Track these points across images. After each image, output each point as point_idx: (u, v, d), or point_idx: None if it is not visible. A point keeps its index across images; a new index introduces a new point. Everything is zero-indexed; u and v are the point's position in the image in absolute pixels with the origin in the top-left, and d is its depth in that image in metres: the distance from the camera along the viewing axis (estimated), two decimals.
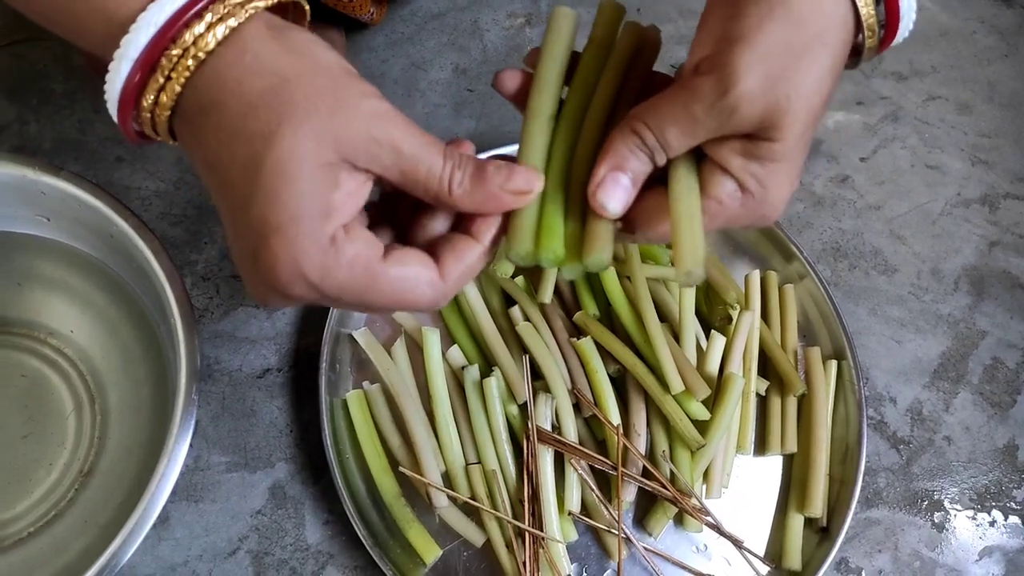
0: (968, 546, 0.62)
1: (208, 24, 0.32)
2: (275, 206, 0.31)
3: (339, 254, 0.33)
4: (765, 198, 0.37)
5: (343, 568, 0.57)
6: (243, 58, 0.32)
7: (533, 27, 0.79)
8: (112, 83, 0.33)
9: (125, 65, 0.32)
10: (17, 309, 0.59)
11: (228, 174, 0.32)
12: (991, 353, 0.68)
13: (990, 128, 0.78)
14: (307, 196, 0.32)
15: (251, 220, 0.32)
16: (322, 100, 0.32)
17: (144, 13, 0.32)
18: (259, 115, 0.31)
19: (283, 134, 0.31)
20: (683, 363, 0.57)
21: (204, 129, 0.33)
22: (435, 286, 0.35)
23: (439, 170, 0.34)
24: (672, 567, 0.58)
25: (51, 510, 0.55)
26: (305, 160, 0.31)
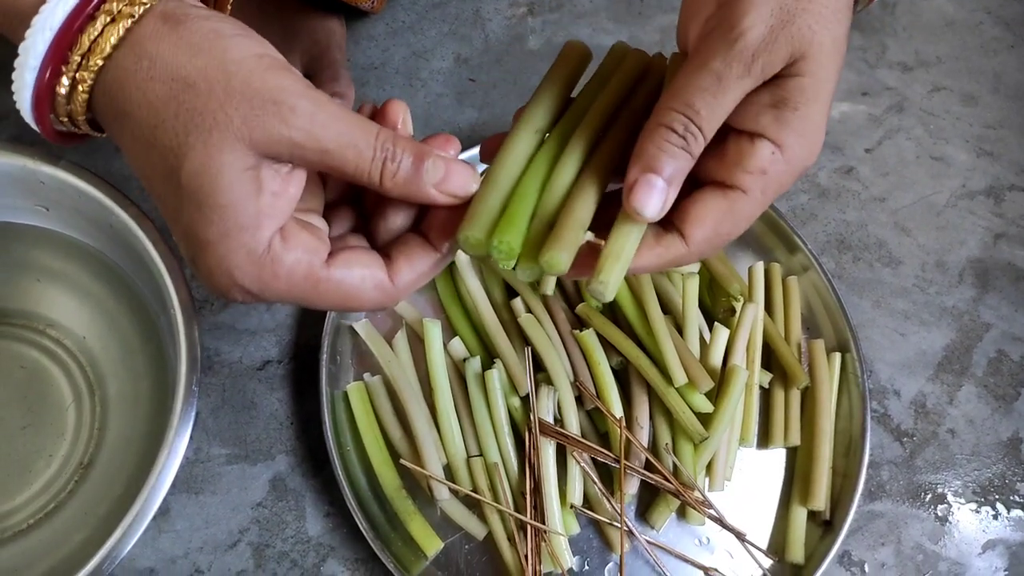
0: (971, 539, 0.61)
1: (103, 25, 0.30)
2: (201, 222, 0.31)
3: (276, 264, 0.32)
4: (807, 145, 0.35)
5: (344, 560, 0.57)
6: (140, 64, 0.31)
7: (535, 16, 0.78)
8: (19, 91, 0.32)
9: (28, 74, 0.31)
10: (16, 300, 0.59)
11: (152, 183, 0.32)
12: (996, 346, 0.68)
13: (996, 119, 0.77)
14: (231, 208, 0.31)
15: (182, 230, 0.32)
16: (231, 104, 0.30)
17: (38, 16, 0.30)
18: (167, 127, 0.30)
19: (193, 146, 0.30)
20: (686, 355, 0.57)
21: (121, 137, 0.32)
22: (383, 289, 0.34)
23: (368, 163, 0.32)
24: (674, 560, 0.57)
25: (51, 502, 0.54)
26: (222, 171, 0.30)
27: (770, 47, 0.33)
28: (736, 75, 0.33)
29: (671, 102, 0.35)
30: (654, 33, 0.79)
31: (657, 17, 0.80)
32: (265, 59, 0.32)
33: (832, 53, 0.34)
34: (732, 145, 0.36)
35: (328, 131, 0.31)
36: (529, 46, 0.77)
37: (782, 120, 0.34)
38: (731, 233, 0.37)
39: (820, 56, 0.34)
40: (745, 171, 0.35)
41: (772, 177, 0.35)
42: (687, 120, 0.34)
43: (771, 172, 0.35)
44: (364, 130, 0.32)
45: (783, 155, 0.35)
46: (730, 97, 0.34)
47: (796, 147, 0.35)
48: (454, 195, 0.34)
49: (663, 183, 0.34)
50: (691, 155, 0.35)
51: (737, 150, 0.35)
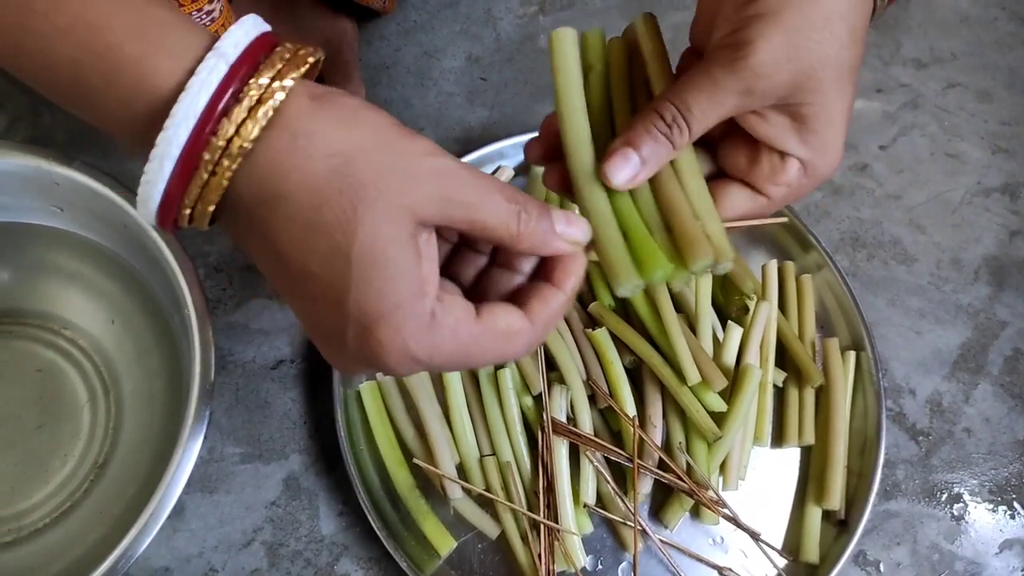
0: (988, 539, 0.61)
1: (248, 108, 0.29)
2: (372, 296, 0.31)
3: (441, 328, 0.32)
4: (825, 163, 0.39)
5: (357, 559, 0.57)
6: (296, 142, 0.30)
7: (547, 15, 0.78)
8: (152, 185, 0.30)
9: (168, 164, 0.30)
10: (31, 300, 0.59)
11: (307, 266, 0.31)
12: (1012, 344, 0.67)
13: (1011, 116, 0.76)
14: (401, 279, 0.31)
15: (347, 310, 0.31)
16: (389, 174, 0.30)
17: (178, 105, 0.29)
18: (332, 205, 0.30)
19: (362, 220, 0.30)
20: (699, 354, 0.57)
21: (271, 221, 0.31)
22: (526, 332, 0.35)
23: (506, 215, 0.33)
24: (688, 560, 0.57)
25: (66, 501, 0.55)
26: (390, 242, 0.30)
27: (772, 75, 0.36)
28: (734, 89, 0.36)
29: (669, 95, 0.38)
30: (666, 31, 0.78)
31: (669, 15, 0.79)
32: (398, 124, 0.32)
33: (842, 79, 0.37)
34: (766, 159, 0.39)
35: (471, 187, 0.32)
36: (540, 45, 0.77)
37: (806, 142, 0.38)
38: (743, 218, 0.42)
39: (830, 84, 0.37)
40: (775, 184, 0.40)
41: (794, 188, 0.40)
42: (677, 113, 0.37)
43: (794, 185, 0.40)
44: (499, 187, 0.33)
45: (807, 171, 0.39)
46: (724, 106, 0.37)
47: (818, 164, 0.39)
48: (576, 242, 0.36)
49: (638, 159, 0.37)
50: (672, 144, 0.37)
51: (771, 166, 0.39)
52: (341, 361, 0.34)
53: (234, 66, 0.29)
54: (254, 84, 0.29)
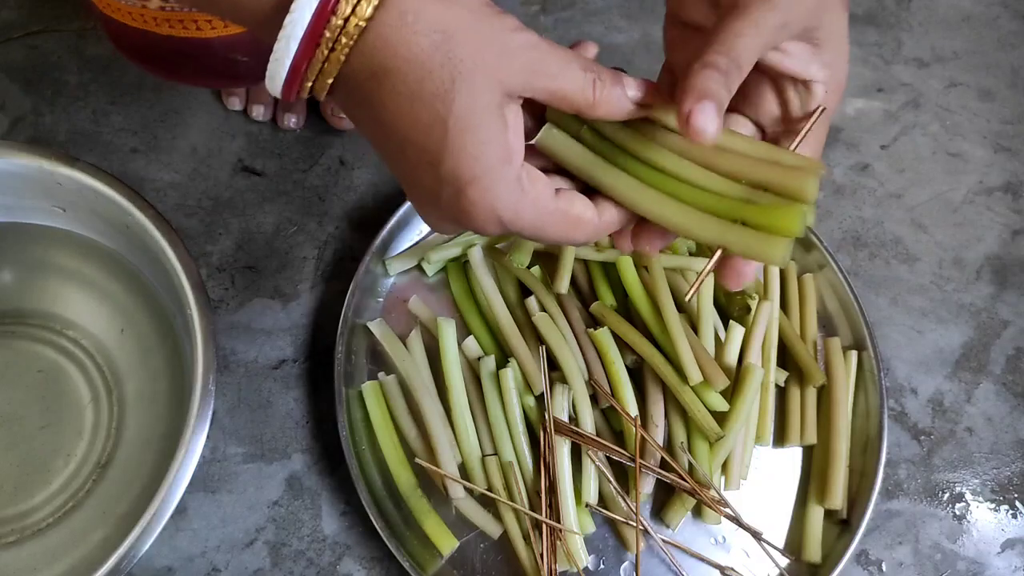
0: (990, 538, 0.61)
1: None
2: (466, 160, 0.34)
3: (525, 195, 0.36)
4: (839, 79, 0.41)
5: (360, 559, 0.57)
6: (405, 19, 0.33)
7: (548, 14, 0.78)
8: (280, 63, 0.33)
9: (293, 44, 0.33)
10: (33, 300, 0.59)
11: (409, 134, 0.34)
12: (1014, 343, 0.67)
13: (1013, 115, 0.76)
14: (491, 145, 0.34)
15: (443, 174, 0.34)
16: (485, 49, 0.33)
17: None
18: (433, 77, 0.33)
19: (459, 91, 0.33)
20: (701, 353, 0.57)
21: (378, 94, 0.34)
22: (593, 225, 0.38)
23: (582, 82, 0.36)
24: (690, 559, 0.57)
25: (69, 501, 0.55)
26: (483, 112, 0.34)
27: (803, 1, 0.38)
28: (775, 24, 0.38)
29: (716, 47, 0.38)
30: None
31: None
32: (491, 4, 0.35)
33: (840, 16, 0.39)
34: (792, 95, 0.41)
35: (553, 59, 0.35)
36: None
37: (824, 63, 0.40)
38: None
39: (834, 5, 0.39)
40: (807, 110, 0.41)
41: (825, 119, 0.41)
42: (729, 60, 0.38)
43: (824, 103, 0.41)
44: (575, 57, 0.36)
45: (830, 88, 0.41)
46: (765, 42, 0.38)
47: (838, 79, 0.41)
48: (645, 102, 0.38)
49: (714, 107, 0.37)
50: (728, 90, 0.38)
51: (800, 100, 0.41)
52: (434, 219, 0.38)
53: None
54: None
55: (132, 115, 0.69)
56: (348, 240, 0.66)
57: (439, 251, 0.63)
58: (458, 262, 0.64)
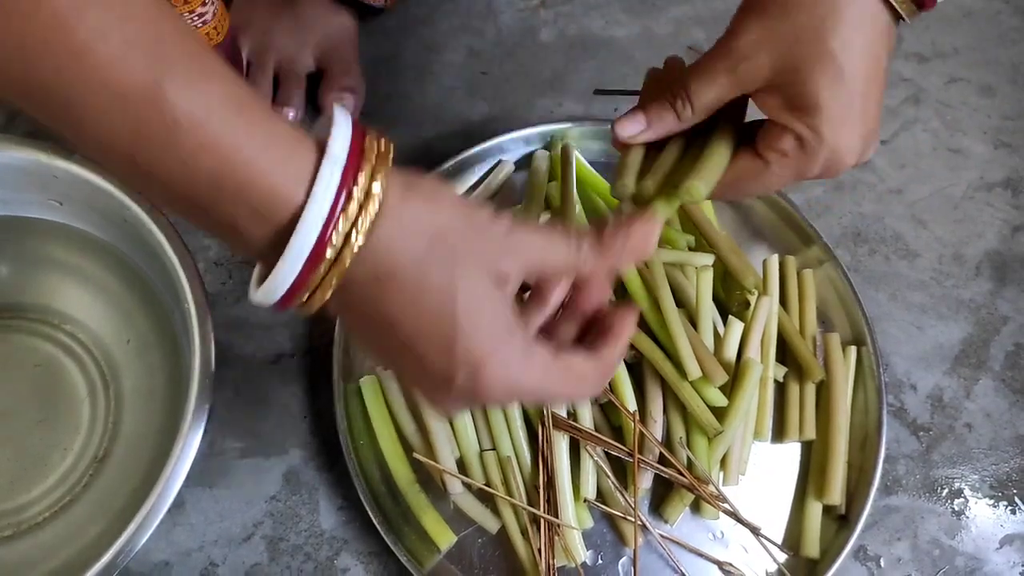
0: (988, 534, 0.61)
1: (359, 205, 0.33)
2: (478, 340, 0.36)
3: (532, 361, 0.38)
4: (824, 145, 0.42)
5: (357, 554, 0.57)
6: (402, 223, 0.35)
7: (548, 8, 0.78)
8: (282, 281, 0.34)
9: (297, 263, 0.33)
10: (30, 294, 0.59)
11: (418, 326, 0.36)
12: (1013, 339, 0.67)
13: (1014, 111, 0.76)
14: (498, 322, 0.37)
15: (458, 357, 0.36)
16: (474, 239, 0.36)
17: (307, 212, 0.33)
18: (434, 272, 0.35)
19: (461, 278, 0.35)
20: (700, 349, 0.57)
21: (382, 295, 0.35)
22: (594, 377, 0.40)
23: (566, 248, 0.39)
24: (688, 554, 0.57)
25: (66, 495, 0.55)
26: (485, 294, 0.36)
27: (751, 56, 0.42)
28: (722, 69, 0.43)
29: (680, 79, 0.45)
30: (668, 25, 0.78)
31: (670, 8, 0.79)
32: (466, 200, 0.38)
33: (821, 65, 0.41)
34: (769, 129, 0.44)
35: (538, 241, 0.38)
36: (541, 38, 0.76)
37: (800, 118, 0.42)
38: (747, 188, 0.47)
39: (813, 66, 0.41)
40: (770, 148, 0.44)
41: (790, 160, 0.44)
42: (682, 92, 0.45)
43: (790, 156, 0.44)
44: (558, 235, 0.39)
45: (803, 147, 0.43)
46: (716, 84, 0.43)
47: (813, 143, 0.43)
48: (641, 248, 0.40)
49: (644, 119, 0.46)
50: (677, 115, 0.45)
51: (770, 132, 0.44)
52: (448, 403, 0.39)
53: (345, 169, 0.33)
54: (361, 181, 0.34)
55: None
56: None
57: None
58: None
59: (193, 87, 0.31)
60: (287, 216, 0.33)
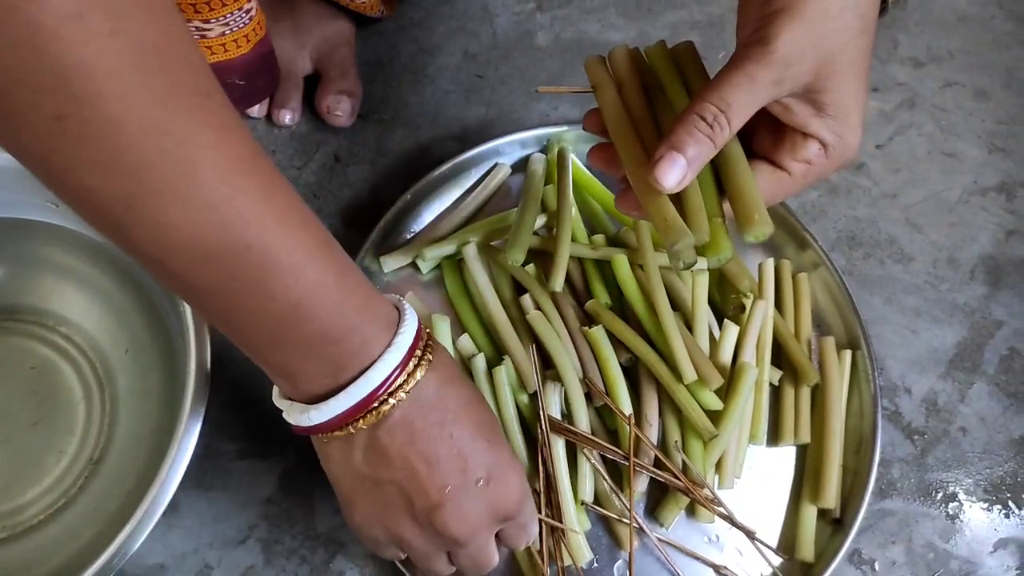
0: (983, 538, 0.61)
1: (409, 372, 0.41)
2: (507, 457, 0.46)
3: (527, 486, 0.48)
4: (847, 149, 0.43)
5: (353, 557, 0.57)
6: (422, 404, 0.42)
7: (544, 12, 0.78)
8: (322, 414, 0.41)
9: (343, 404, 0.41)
10: (26, 296, 0.59)
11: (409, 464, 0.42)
12: (1007, 343, 0.67)
13: (1008, 115, 0.76)
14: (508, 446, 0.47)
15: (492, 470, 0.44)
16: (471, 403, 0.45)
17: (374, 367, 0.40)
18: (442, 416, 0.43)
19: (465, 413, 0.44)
20: (696, 352, 0.57)
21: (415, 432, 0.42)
22: None
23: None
24: (684, 557, 0.57)
25: (61, 498, 0.55)
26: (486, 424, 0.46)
27: (799, 63, 0.39)
28: (768, 80, 0.39)
29: (707, 96, 0.40)
30: (663, 29, 0.79)
31: (666, 13, 0.79)
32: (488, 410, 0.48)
33: (855, 65, 0.41)
34: (788, 138, 0.43)
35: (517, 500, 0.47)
36: (537, 42, 0.77)
37: (826, 125, 0.42)
38: (769, 201, 0.45)
39: (845, 69, 0.40)
40: (795, 159, 0.43)
41: (814, 167, 0.44)
42: (718, 111, 0.40)
43: (815, 164, 0.43)
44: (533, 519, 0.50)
45: (826, 152, 0.43)
46: (759, 97, 0.40)
47: (838, 145, 0.43)
48: None
49: (684, 161, 0.40)
50: (713, 143, 0.40)
51: (792, 143, 0.43)
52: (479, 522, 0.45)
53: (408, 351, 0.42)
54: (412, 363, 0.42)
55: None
56: (342, 237, 0.66)
57: (434, 249, 0.63)
58: (453, 260, 0.64)
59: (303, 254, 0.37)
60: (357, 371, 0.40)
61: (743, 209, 0.42)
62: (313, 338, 0.38)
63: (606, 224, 0.66)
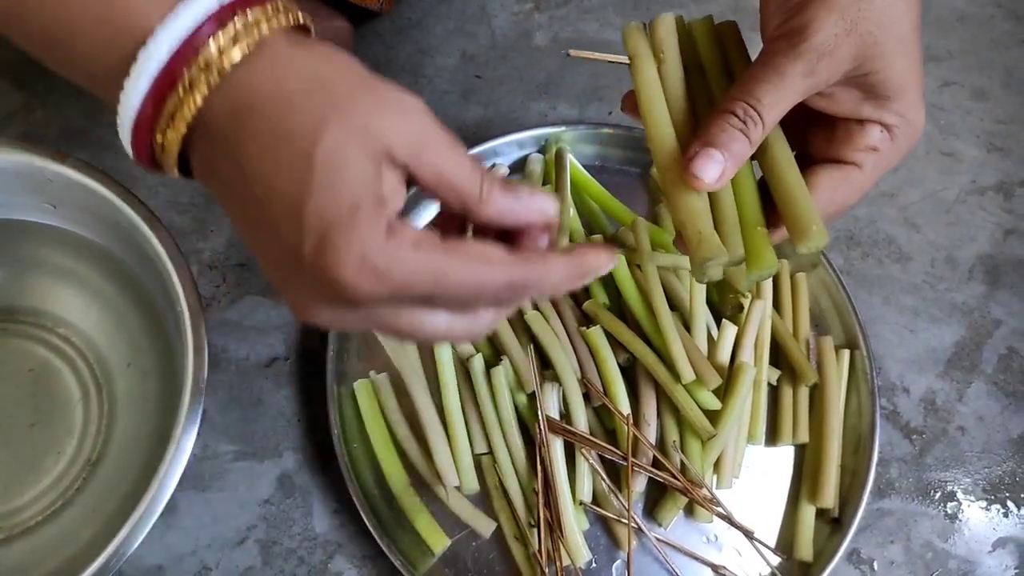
0: (981, 537, 0.61)
1: (233, 37, 0.31)
2: (332, 198, 0.30)
3: (402, 238, 0.31)
4: (907, 123, 0.40)
5: (351, 557, 0.57)
6: (276, 61, 0.31)
7: (542, 12, 0.78)
8: (128, 99, 0.31)
9: (144, 80, 0.31)
10: (24, 298, 0.59)
11: (271, 180, 0.31)
12: (1006, 342, 0.67)
13: (1006, 115, 0.76)
14: (361, 185, 0.30)
15: (306, 219, 0.30)
16: (364, 95, 0.31)
17: (162, 26, 0.30)
18: (302, 112, 0.30)
19: (330, 127, 0.30)
20: (694, 352, 0.57)
21: (238, 136, 0.31)
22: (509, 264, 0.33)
23: (471, 175, 0.33)
24: (682, 557, 0.57)
25: (59, 499, 0.55)
26: (354, 150, 0.30)
27: (834, 51, 0.37)
28: (799, 72, 0.37)
29: (737, 92, 0.39)
30: None
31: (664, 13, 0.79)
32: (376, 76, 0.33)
33: (904, 39, 0.38)
34: (842, 130, 0.41)
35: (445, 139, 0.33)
36: (536, 42, 0.77)
37: (883, 107, 0.39)
38: (845, 202, 0.42)
39: (892, 47, 0.38)
40: (857, 149, 0.40)
41: (882, 154, 0.41)
42: (747, 107, 0.38)
43: (882, 149, 0.41)
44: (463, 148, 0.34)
45: (891, 134, 0.40)
46: (792, 91, 0.38)
47: (901, 126, 0.40)
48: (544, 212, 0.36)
49: (720, 155, 0.38)
50: (749, 139, 0.38)
51: (848, 132, 0.40)
52: (305, 291, 0.32)
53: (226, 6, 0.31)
54: (241, 18, 0.31)
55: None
56: None
57: None
58: None
59: None
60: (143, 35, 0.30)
61: (797, 218, 0.39)
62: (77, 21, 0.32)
63: (604, 224, 0.66)
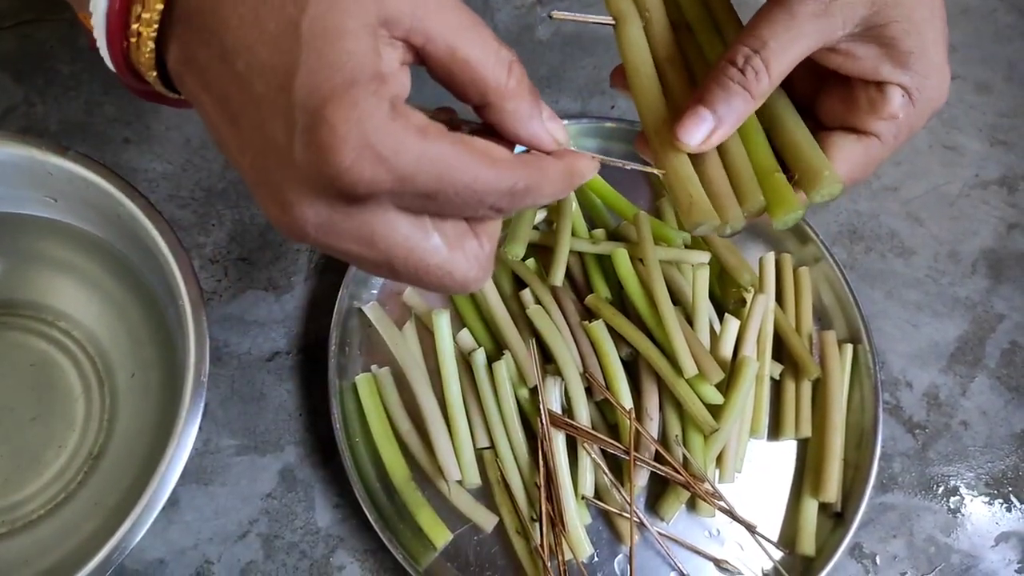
0: (984, 532, 0.61)
1: None
2: (326, 70, 0.25)
3: (407, 121, 0.26)
4: (931, 86, 0.36)
5: (353, 551, 0.57)
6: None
7: (545, 6, 0.77)
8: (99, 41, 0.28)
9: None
10: (25, 291, 0.59)
11: (255, 52, 0.26)
12: (1009, 337, 0.67)
13: (1009, 108, 0.76)
14: (357, 56, 0.26)
15: (296, 93, 0.26)
16: None
17: None
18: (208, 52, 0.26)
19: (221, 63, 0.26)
20: (696, 346, 0.57)
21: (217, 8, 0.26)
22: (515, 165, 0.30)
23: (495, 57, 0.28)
24: (685, 551, 0.57)
25: (60, 492, 0.54)
26: (347, 15, 0.26)
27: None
28: (812, 13, 0.33)
29: (742, 37, 0.35)
30: None
31: None
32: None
33: None
34: (862, 94, 0.37)
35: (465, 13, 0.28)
36: (539, 36, 0.76)
37: (903, 65, 0.35)
38: (860, 178, 0.39)
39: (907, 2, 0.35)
40: (879, 118, 0.36)
41: (904, 121, 0.37)
42: (752, 53, 0.34)
43: (903, 116, 0.37)
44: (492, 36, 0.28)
45: (912, 98, 0.36)
46: (803, 36, 0.34)
47: (924, 88, 0.36)
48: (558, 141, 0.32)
49: (712, 117, 0.34)
50: (750, 92, 0.34)
51: (868, 99, 0.36)
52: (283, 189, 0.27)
53: None
54: None
55: (125, 105, 0.69)
56: None
57: None
58: None
59: None
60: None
61: (806, 165, 0.36)
62: None
63: (606, 218, 0.66)
